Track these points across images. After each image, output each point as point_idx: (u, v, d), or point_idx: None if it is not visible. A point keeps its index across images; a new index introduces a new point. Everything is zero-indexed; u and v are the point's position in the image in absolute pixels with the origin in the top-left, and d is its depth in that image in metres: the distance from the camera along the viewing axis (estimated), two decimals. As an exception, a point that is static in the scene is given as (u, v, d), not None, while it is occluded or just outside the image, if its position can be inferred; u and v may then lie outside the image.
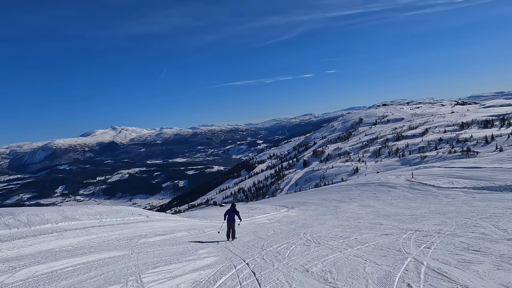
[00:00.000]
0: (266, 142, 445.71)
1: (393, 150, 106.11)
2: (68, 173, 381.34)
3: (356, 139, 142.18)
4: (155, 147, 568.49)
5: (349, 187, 39.06)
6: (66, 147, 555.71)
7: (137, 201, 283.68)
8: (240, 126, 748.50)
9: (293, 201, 37.63)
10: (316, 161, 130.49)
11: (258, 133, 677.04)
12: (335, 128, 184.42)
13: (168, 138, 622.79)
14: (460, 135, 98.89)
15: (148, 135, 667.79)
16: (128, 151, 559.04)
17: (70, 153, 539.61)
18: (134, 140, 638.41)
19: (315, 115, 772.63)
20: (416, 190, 26.06)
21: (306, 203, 32.95)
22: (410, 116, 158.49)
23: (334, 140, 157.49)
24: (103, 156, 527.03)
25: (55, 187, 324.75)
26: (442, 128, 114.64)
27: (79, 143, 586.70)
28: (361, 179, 49.28)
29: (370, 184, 35.90)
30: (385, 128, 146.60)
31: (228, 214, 11.83)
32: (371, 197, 27.47)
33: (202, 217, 27.26)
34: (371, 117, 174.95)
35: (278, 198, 54.11)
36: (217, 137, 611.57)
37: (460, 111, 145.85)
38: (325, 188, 47.57)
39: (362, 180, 42.29)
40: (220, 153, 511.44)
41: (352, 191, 34.91)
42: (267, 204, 40.46)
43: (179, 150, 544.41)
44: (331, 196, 34.76)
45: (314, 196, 38.34)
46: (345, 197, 31.18)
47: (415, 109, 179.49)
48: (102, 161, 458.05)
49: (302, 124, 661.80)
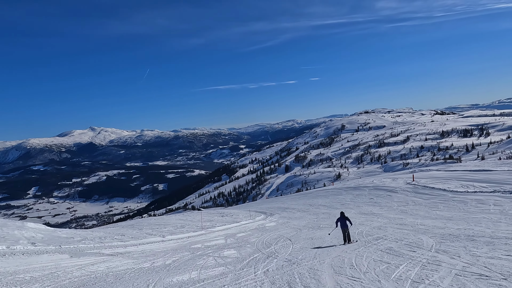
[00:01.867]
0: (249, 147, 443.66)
1: (375, 156, 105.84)
2: (42, 174, 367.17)
3: (339, 145, 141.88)
4: (135, 149, 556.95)
5: (338, 191, 36.12)
6: (41, 147, 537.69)
7: (114, 204, 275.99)
8: (223, 130, 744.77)
9: (274, 206, 34.41)
10: (298, 166, 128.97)
11: (240, 138, 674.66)
12: (318, 134, 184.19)
13: (149, 141, 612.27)
14: (441, 143, 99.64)
15: (128, 136, 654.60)
16: (107, 152, 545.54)
17: (46, 153, 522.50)
18: (114, 141, 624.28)
19: (298, 122, 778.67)
20: (424, 195, 23.11)
21: (288, 208, 29.95)
22: (391, 124, 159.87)
23: (316, 146, 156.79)
24: (81, 157, 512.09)
25: (28, 188, 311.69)
26: (423, 136, 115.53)
27: (56, 143, 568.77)
28: (350, 182, 46.82)
29: (363, 188, 33.06)
30: (367, 135, 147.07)
31: (340, 221, 11.98)
32: (369, 203, 24.70)
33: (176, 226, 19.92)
34: (353, 124, 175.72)
35: (258, 203, 50.70)
36: (199, 140, 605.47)
37: (440, 120, 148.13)
38: (309, 193, 44.43)
39: (352, 184, 39.63)
40: (202, 157, 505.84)
41: (342, 196, 32.09)
42: (243, 209, 36.85)
43: (160, 153, 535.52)
44: (318, 201, 31.69)
45: (298, 201, 35.25)
46: (335, 202, 28.30)
47: (396, 118, 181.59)
48: (79, 163, 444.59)
49: (285, 130, 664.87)
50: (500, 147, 76.82)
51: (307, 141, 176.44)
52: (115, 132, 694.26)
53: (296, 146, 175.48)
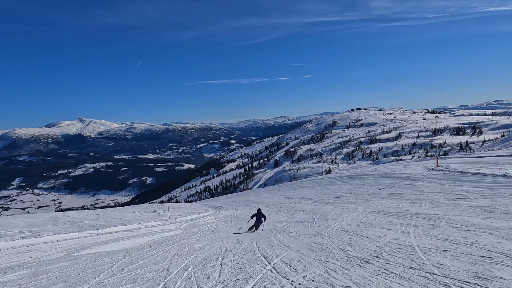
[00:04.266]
0: (240, 143, 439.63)
1: (367, 152, 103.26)
2: (27, 164, 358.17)
3: (330, 141, 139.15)
4: (125, 142, 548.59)
5: (330, 180, 29.33)
6: (27, 137, 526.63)
7: (101, 197, 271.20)
8: (214, 125, 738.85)
9: (241, 199, 28.11)
10: (288, 162, 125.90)
11: (232, 133, 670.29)
12: (309, 129, 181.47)
13: (139, 133, 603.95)
14: (434, 140, 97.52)
15: (118, 129, 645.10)
16: (95, 144, 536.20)
17: (32, 143, 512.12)
18: (103, 133, 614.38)
19: (289, 118, 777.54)
20: (470, 182, 17.20)
21: (256, 202, 23.49)
22: (383, 121, 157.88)
23: (307, 141, 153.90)
24: (68, 148, 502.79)
25: (12, 179, 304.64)
26: (415, 133, 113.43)
27: (43, 134, 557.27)
28: (345, 171, 41.74)
29: (364, 176, 25.95)
30: (358, 131, 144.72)
31: (256, 216, 12.19)
32: (382, 195, 17.98)
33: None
34: (344, 120, 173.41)
35: (229, 196, 44.00)
36: (190, 135, 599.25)
37: (432, 118, 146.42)
38: (292, 184, 38.06)
39: (348, 173, 33.24)
40: (192, 151, 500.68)
41: (336, 186, 24.77)
42: (208, 203, 30.80)
43: (149, 146, 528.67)
44: (301, 193, 24.62)
45: (275, 193, 28.34)
46: (325, 195, 21.36)
47: (388, 115, 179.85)
48: (66, 154, 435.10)
49: (276, 126, 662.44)
50: (496, 145, 74.61)
51: (297, 137, 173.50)
52: (104, 124, 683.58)
53: (287, 141, 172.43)
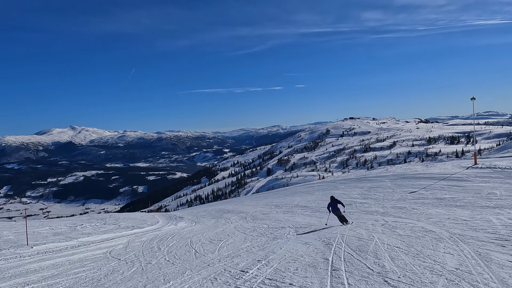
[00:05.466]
0: (233, 151, 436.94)
1: (361, 161, 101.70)
2: (16, 172, 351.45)
3: (323, 149, 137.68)
4: (116, 150, 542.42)
5: (330, 184, 25.09)
6: (17, 145, 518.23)
7: (91, 206, 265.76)
8: (208, 133, 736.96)
9: (216, 208, 24.67)
10: (281, 170, 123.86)
11: (225, 142, 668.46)
12: (302, 138, 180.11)
13: (131, 142, 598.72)
14: (429, 149, 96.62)
15: (110, 137, 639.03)
16: (86, 152, 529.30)
17: (22, 151, 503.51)
18: (95, 141, 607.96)
19: (283, 127, 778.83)
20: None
21: (232, 212, 19.92)
22: (376, 130, 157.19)
23: (300, 150, 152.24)
24: (59, 156, 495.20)
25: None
26: (410, 142, 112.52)
27: (33, 142, 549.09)
28: (347, 175, 38.72)
29: (377, 179, 21.38)
30: (352, 140, 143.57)
31: (331, 205, 11.34)
32: (428, 200, 12.99)
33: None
34: (338, 129, 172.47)
35: (209, 205, 40.67)
36: (183, 143, 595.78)
37: (425, 127, 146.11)
38: (284, 189, 34.43)
39: (352, 175, 29.83)
40: (185, 159, 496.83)
41: (341, 190, 20.06)
42: (174, 214, 26.20)
43: (142, 155, 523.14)
44: (295, 199, 20.32)
45: (260, 200, 24.31)
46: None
47: (381, 124, 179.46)
48: (56, 162, 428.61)
49: (269, 135, 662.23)
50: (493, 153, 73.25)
51: (291, 145, 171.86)
52: (96, 132, 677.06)
53: (280, 149, 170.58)
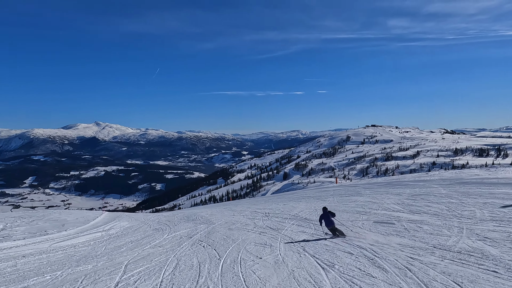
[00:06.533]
0: (251, 154, 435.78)
1: (382, 169, 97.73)
2: (41, 164, 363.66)
3: (342, 156, 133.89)
4: (138, 147, 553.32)
5: (350, 189, 21.95)
6: (44, 138, 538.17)
7: (110, 200, 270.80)
8: (227, 135, 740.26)
9: (197, 212, 21.24)
10: (298, 175, 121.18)
11: (244, 144, 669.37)
12: (321, 143, 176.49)
13: (152, 140, 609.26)
14: (455, 161, 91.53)
15: (132, 134, 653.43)
16: (109, 148, 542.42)
17: (48, 144, 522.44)
18: (117, 138, 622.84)
19: (302, 132, 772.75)
20: None
21: (195, 221, 17.42)
22: (399, 139, 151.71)
23: (319, 155, 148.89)
24: (82, 150, 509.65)
25: (25, 177, 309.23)
26: (434, 152, 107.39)
27: (59, 135, 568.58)
28: (371, 180, 35.24)
29: (418, 184, 18.56)
30: (373, 147, 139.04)
31: (324, 218, 10.27)
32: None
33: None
34: (359, 136, 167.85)
35: (195, 208, 38.15)
36: (202, 143, 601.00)
37: (451, 138, 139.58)
38: (290, 192, 31.12)
39: (380, 179, 26.55)
40: (204, 160, 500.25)
41: (365, 197, 17.22)
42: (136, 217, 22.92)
43: (162, 153, 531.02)
44: (298, 206, 17.32)
45: (252, 205, 21.59)
46: (351, 215, 12.99)
47: (404, 133, 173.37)
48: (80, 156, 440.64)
49: (289, 140, 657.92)
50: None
51: (309, 150, 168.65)
52: (119, 128, 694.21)
53: (298, 154, 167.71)
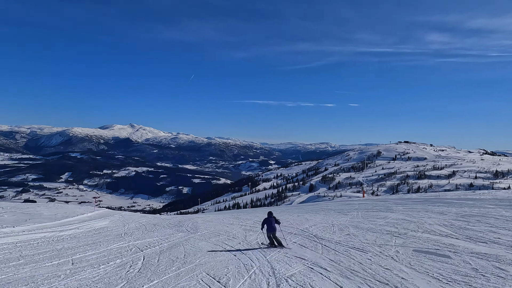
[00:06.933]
0: (278, 164, 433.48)
1: (414, 188, 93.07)
2: (77, 161, 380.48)
3: (372, 171, 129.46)
4: (168, 151, 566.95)
5: (378, 203, 19.95)
6: (82, 136, 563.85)
7: (138, 200, 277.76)
8: (255, 144, 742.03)
9: (200, 218, 20.12)
10: (324, 188, 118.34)
11: (271, 154, 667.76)
12: (350, 157, 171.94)
13: (182, 144, 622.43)
14: (495, 184, 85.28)
15: (163, 137, 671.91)
16: (141, 150, 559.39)
17: (85, 142, 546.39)
18: (149, 140, 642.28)
19: (331, 145, 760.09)
20: None
21: (195, 230, 15.47)
22: (433, 157, 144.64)
23: (347, 169, 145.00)
24: (116, 150, 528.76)
25: (62, 172, 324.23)
26: (472, 173, 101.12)
27: (96, 135, 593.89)
28: (402, 195, 32.26)
29: (467, 203, 17.07)
30: (405, 164, 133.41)
31: (266, 222, 10.01)
32: None
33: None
34: (390, 152, 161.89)
35: (210, 214, 37.03)
36: (230, 150, 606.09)
37: (491, 160, 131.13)
38: (311, 204, 29.74)
39: (414, 195, 24.04)
40: (231, 167, 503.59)
41: (398, 214, 15.23)
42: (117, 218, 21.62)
43: (191, 157, 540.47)
44: (312, 219, 15.66)
45: (251, 214, 20.09)
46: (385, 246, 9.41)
47: (440, 152, 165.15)
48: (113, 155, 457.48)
49: (317, 152, 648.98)
50: None
51: (337, 163, 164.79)
52: (152, 131, 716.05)
53: (325, 167, 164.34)
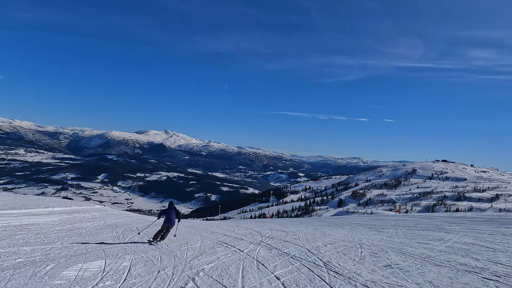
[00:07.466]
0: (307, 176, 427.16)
1: (452, 210, 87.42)
2: (113, 163, 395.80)
3: (406, 189, 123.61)
4: (199, 158, 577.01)
5: (419, 220, 18.40)
6: (119, 140, 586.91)
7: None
8: (285, 155, 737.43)
9: (199, 227, 17.31)
10: (354, 203, 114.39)
11: (301, 166, 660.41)
12: (383, 173, 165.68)
13: (213, 152, 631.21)
14: (543, 210, 78.10)
15: (195, 144, 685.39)
16: (173, 155, 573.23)
17: (122, 145, 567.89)
18: (182, 146, 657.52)
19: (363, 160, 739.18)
20: None
21: None
22: (474, 178, 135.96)
23: (379, 186, 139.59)
24: (150, 155, 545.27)
25: (98, 173, 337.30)
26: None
27: (132, 139, 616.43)
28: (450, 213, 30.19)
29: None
30: (443, 184, 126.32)
31: (165, 214, 9.86)
32: None
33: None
34: (426, 170, 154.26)
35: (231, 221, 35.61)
36: (260, 161, 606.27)
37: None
38: (339, 218, 26.93)
39: (469, 213, 22.15)
40: (259, 177, 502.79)
41: (455, 233, 13.39)
42: None
43: (220, 165, 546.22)
44: (334, 234, 13.64)
45: (253, 224, 18.88)
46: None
47: (481, 173, 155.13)
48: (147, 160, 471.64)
49: (348, 166, 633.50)
50: None
51: (369, 179, 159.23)
52: (185, 138, 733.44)
53: (356, 182, 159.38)
